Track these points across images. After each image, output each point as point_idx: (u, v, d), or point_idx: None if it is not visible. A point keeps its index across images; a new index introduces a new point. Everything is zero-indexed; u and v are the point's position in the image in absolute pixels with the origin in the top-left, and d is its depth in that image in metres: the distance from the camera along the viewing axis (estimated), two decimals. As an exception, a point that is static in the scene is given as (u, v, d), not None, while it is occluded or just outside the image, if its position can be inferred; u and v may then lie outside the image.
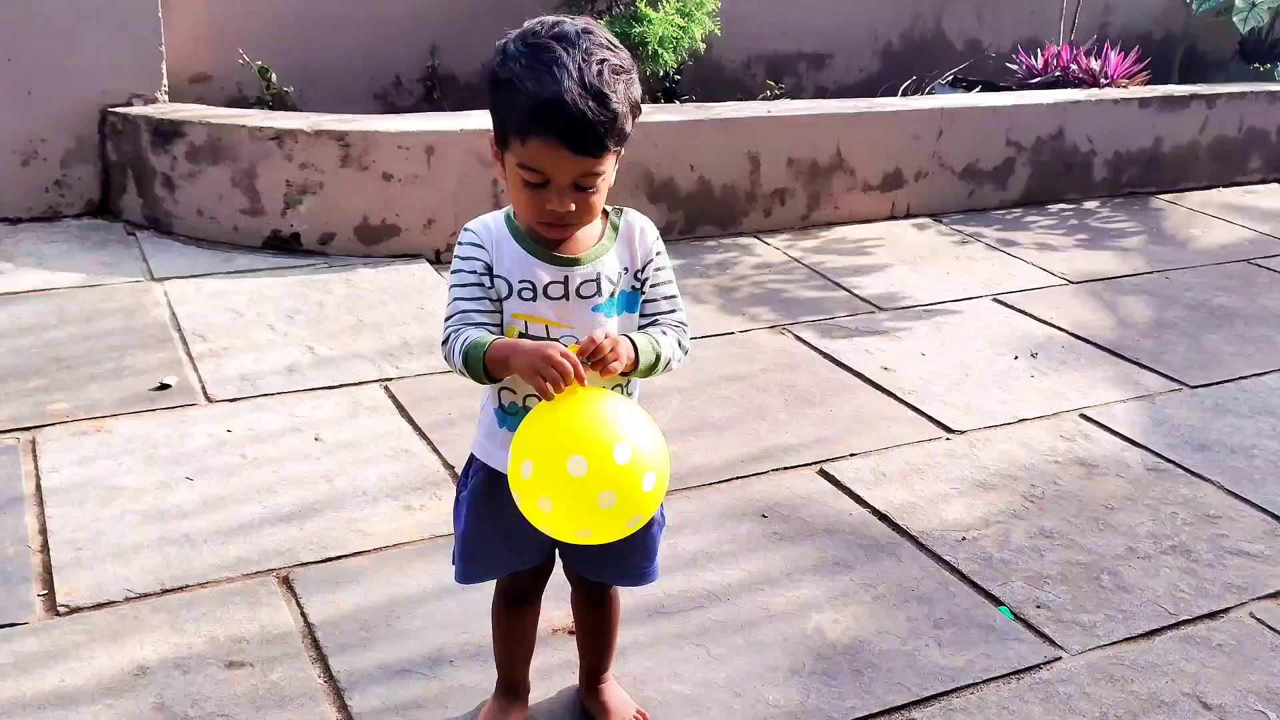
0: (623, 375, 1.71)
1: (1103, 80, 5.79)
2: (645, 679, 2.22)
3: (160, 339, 3.50)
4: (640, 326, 1.80)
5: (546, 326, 1.73)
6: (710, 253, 4.60)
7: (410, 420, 3.13)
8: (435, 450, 2.98)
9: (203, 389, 3.22)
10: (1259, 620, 2.51)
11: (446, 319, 1.75)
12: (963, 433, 3.26)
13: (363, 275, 4.08)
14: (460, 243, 1.77)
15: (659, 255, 1.81)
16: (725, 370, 3.54)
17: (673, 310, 1.82)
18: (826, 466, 3.03)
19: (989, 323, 4.05)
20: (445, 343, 1.73)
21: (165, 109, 4.37)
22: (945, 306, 4.18)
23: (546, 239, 1.72)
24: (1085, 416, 3.39)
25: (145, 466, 2.83)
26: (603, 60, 1.59)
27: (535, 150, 1.60)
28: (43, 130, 4.30)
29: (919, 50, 6.58)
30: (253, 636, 2.28)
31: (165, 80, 4.44)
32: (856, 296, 4.22)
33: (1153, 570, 2.67)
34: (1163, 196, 5.75)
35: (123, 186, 4.38)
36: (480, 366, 1.68)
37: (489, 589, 2.03)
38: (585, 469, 1.46)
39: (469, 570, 1.93)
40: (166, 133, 4.22)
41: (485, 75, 1.67)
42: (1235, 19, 6.38)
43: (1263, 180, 6.15)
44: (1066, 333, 4.00)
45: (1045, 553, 2.71)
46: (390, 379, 3.35)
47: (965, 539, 2.75)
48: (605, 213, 1.78)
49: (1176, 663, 2.36)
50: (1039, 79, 5.94)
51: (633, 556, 1.93)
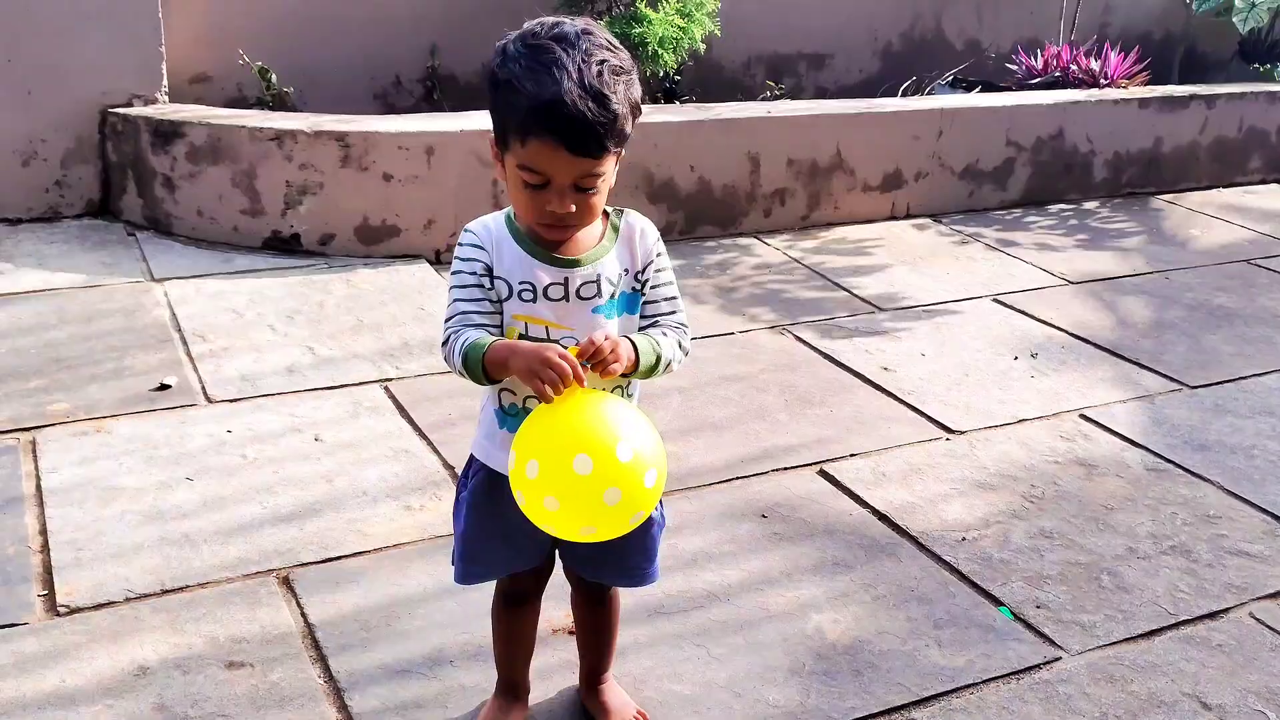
0: (623, 376, 1.71)
1: (1103, 80, 5.79)
2: (645, 679, 2.23)
3: (160, 339, 3.50)
4: (641, 328, 1.80)
5: (547, 328, 1.73)
6: (710, 253, 4.60)
7: (410, 420, 3.13)
8: (435, 450, 2.98)
9: (203, 389, 3.22)
10: (1259, 620, 2.52)
11: (446, 320, 1.75)
12: (963, 433, 3.26)
13: (363, 276, 4.08)
14: (460, 244, 1.77)
15: (659, 256, 1.81)
16: (725, 370, 3.54)
17: (673, 311, 1.82)
18: (826, 467, 3.03)
19: (989, 323, 4.06)
20: (445, 344, 1.73)
21: (165, 109, 4.37)
22: (945, 307, 4.18)
23: (547, 240, 1.72)
24: (1085, 417, 3.39)
25: (145, 467, 2.84)
26: (602, 61, 1.59)
27: (535, 151, 1.60)
28: (43, 131, 4.30)
29: (919, 50, 6.58)
30: (253, 637, 2.28)
31: (165, 81, 4.44)
32: (856, 297, 4.22)
33: (1152, 570, 2.67)
34: (1163, 197, 5.76)
35: (123, 187, 4.39)
36: (479, 368, 1.68)
37: (489, 589, 2.03)
38: (591, 467, 1.49)
39: (469, 571, 1.93)
40: (166, 133, 4.23)
41: (485, 76, 1.67)
42: (1235, 19, 6.38)
43: (1262, 180, 6.15)
44: (1066, 333, 4.00)
45: (1045, 553, 2.71)
46: (390, 379, 3.35)
47: (965, 539, 2.75)
48: (606, 214, 1.78)
49: (1176, 663, 2.37)
50: (1039, 79, 5.94)
51: (633, 557, 1.93)
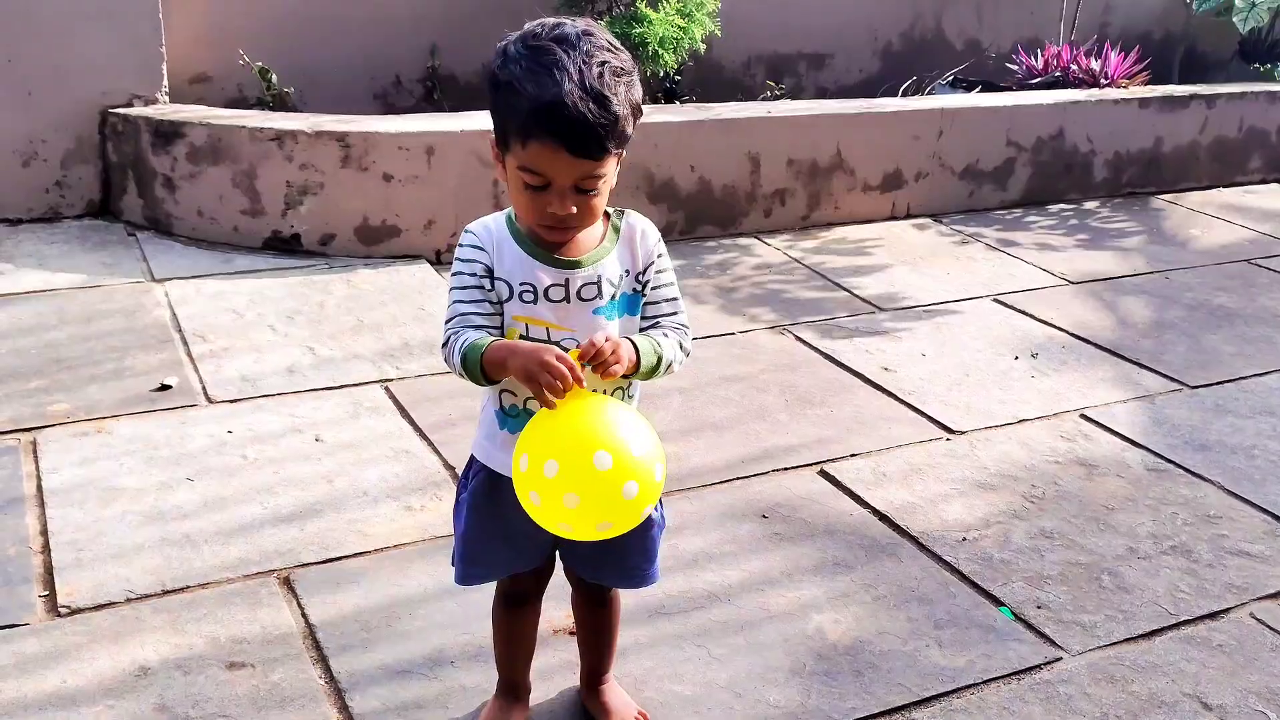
0: (624, 378, 1.71)
1: (1103, 80, 5.79)
2: (646, 679, 2.23)
3: (161, 340, 3.50)
4: (641, 329, 1.80)
5: (547, 329, 1.72)
6: (710, 253, 4.60)
7: (411, 421, 3.13)
8: (436, 451, 2.98)
9: (203, 390, 3.22)
10: (1259, 620, 2.52)
11: (446, 322, 1.75)
12: (963, 433, 3.26)
13: (363, 276, 4.08)
14: (461, 245, 1.76)
15: (660, 258, 1.80)
16: (725, 371, 3.54)
17: (674, 312, 1.82)
18: (827, 467, 3.03)
19: (989, 323, 4.06)
20: (445, 345, 1.73)
21: (165, 110, 4.37)
22: (945, 307, 4.18)
23: (547, 241, 1.72)
24: (1085, 417, 3.39)
25: (146, 467, 2.84)
26: (603, 62, 1.59)
27: (536, 153, 1.60)
28: (43, 131, 4.30)
29: (919, 50, 6.58)
30: (253, 637, 2.28)
31: (165, 81, 4.44)
32: (857, 297, 4.22)
33: (1153, 570, 2.67)
34: (1163, 196, 5.76)
35: (123, 187, 4.39)
36: (478, 368, 1.68)
37: (490, 589, 2.03)
38: (611, 463, 1.54)
39: (469, 572, 1.93)
40: (167, 133, 4.23)
41: (486, 77, 1.67)
42: (1235, 19, 6.38)
43: (1263, 180, 6.16)
44: (1067, 333, 4.00)
45: (1045, 553, 2.71)
46: (390, 379, 3.35)
47: (966, 539, 2.75)
48: (606, 214, 1.78)
49: (1177, 663, 2.37)
50: (1039, 79, 5.94)
51: (633, 558, 1.93)
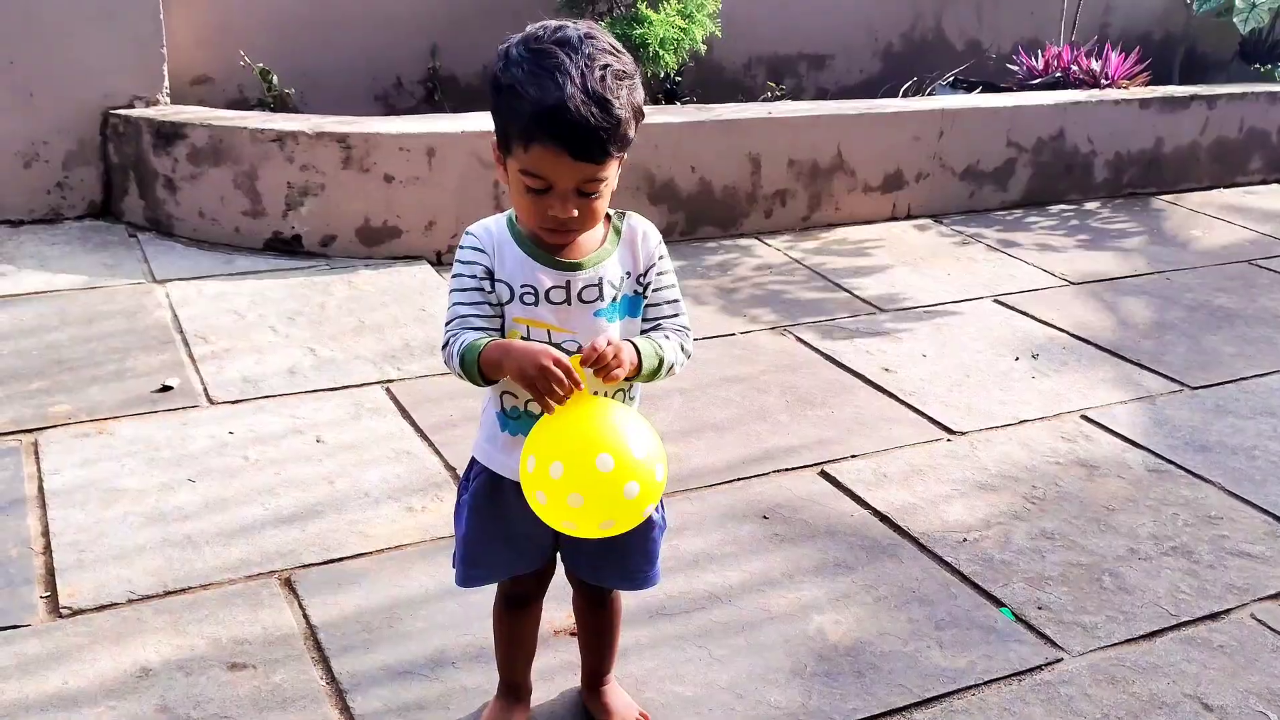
0: (625, 380, 1.71)
1: (1103, 81, 5.79)
2: (647, 680, 2.23)
3: (162, 341, 3.50)
4: (642, 330, 1.80)
5: (548, 331, 1.72)
6: (711, 254, 4.61)
7: (412, 422, 3.13)
8: (437, 452, 2.99)
9: (204, 391, 3.23)
10: (1260, 621, 2.52)
11: (446, 323, 1.75)
12: (964, 434, 3.26)
13: (364, 277, 4.09)
14: (461, 246, 1.76)
15: (661, 259, 1.80)
16: (726, 371, 3.55)
17: (675, 314, 1.82)
18: (827, 468, 3.03)
19: (990, 324, 4.06)
20: (444, 347, 1.73)
21: (166, 111, 4.38)
22: (946, 307, 4.18)
23: (548, 243, 1.72)
24: (1086, 417, 3.39)
25: (147, 468, 2.84)
26: (606, 66, 1.58)
27: (538, 156, 1.59)
28: (44, 132, 4.30)
29: (919, 51, 6.58)
30: (255, 638, 2.28)
31: (167, 82, 4.45)
32: (857, 298, 4.23)
33: (1154, 571, 2.67)
34: (1163, 197, 5.76)
35: (124, 188, 4.39)
36: (475, 369, 1.68)
37: (491, 590, 2.03)
38: (613, 464, 1.57)
39: (470, 574, 1.93)
40: (168, 134, 4.23)
41: (487, 79, 1.67)
42: (1236, 20, 6.38)
43: (1263, 181, 6.16)
44: (1067, 334, 4.00)
45: (1046, 554, 2.71)
46: (391, 380, 3.36)
47: (966, 540, 2.75)
48: (608, 216, 1.78)
49: (1178, 664, 2.37)
50: (1039, 80, 5.94)
51: (634, 560, 1.94)
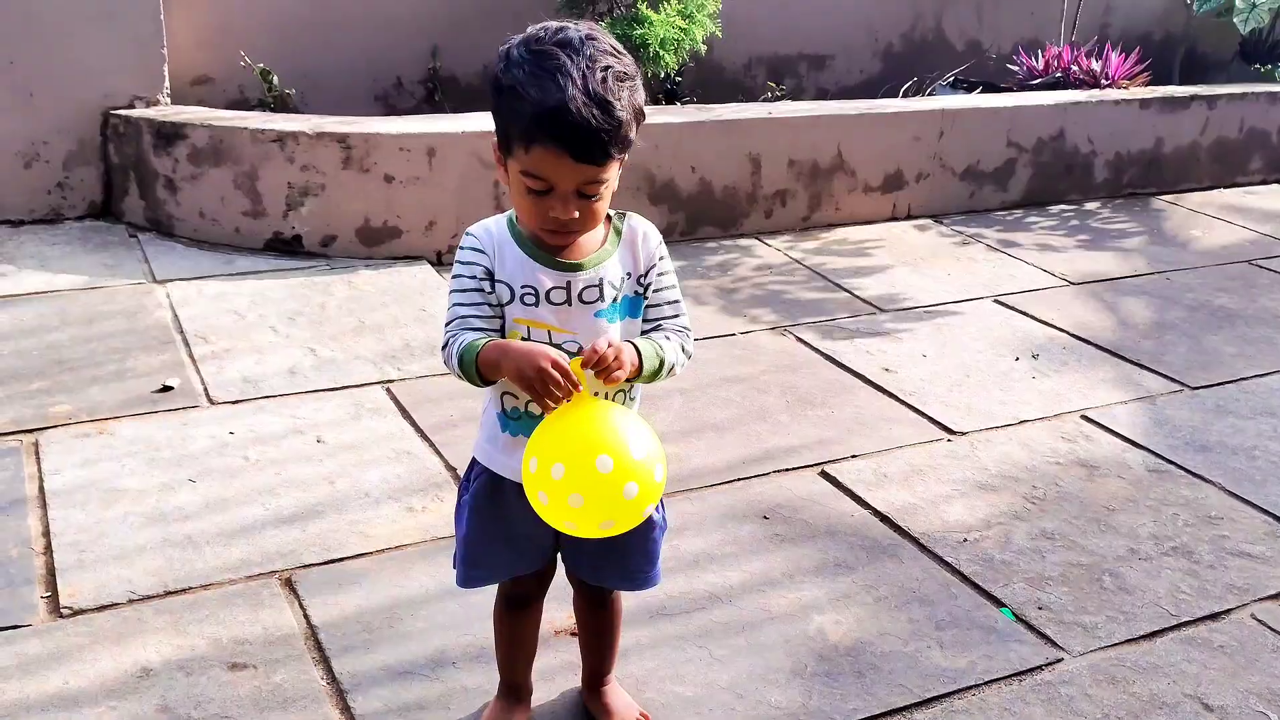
0: (626, 381, 1.71)
1: (1103, 81, 5.79)
2: (647, 680, 2.23)
3: (162, 341, 3.50)
4: (643, 331, 1.80)
5: (549, 331, 1.72)
6: (711, 254, 4.61)
7: (412, 422, 3.13)
8: (437, 452, 2.99)
9: (205, 391, 3.23)
10: (1260, 621, 2.52)
11: (446, 324, 1.75)
12: (964, 434, 3.26)
13: (364, 277, 4.09)
14: (461, 247, 1.76)
15: (662, 260, 1.80)
16: (726, 372, 3.55)
17: (676, 315, 1.82)
18: (828, 468, 3.03)
19: (990, 324, 4.06)
20: (444, 347, 1.73)
21: (167, 111, 4.38)
22: (946, 308, 4.18)
23: (549, 244, 1.72)
24: (1086, 418, 3.39)
25: (148, 468, 2.84)
26: (607, 67, 1.58)
27: (539, 158, 1.59)
28: (45, 133, 4.30)
29: (919, 51, 6.59)
30: (255, 638, 2.28)
31: (167, 82, 4.45)
32: (857, 298, 4.23)
33: (1154, 571, 2.67)
34: (1163, 197, 5.76)
35: (124, 189, 4.39)
36: (473, 369, 1.68)
37: (491, 590, 2.03)
38: (612, 466, 1.58)
39: (470, 574, 1.93)
40: (168, 135, 4.23)
41: (489, 81, 1.66)
42: (1236, 20, 6.38)
43: (1263, 181, 6.16)
44: (1067, 334, 4.00)
45: (1046, 554, 2.71)
46: (392, 381, 3.36)
47: (966, 540, 2.75)
48: (608, 217, 1.78)
49: (1178, 664, 2.37)
50: (1040, 80, 5.94)
51: (634, 560, 1.94)
